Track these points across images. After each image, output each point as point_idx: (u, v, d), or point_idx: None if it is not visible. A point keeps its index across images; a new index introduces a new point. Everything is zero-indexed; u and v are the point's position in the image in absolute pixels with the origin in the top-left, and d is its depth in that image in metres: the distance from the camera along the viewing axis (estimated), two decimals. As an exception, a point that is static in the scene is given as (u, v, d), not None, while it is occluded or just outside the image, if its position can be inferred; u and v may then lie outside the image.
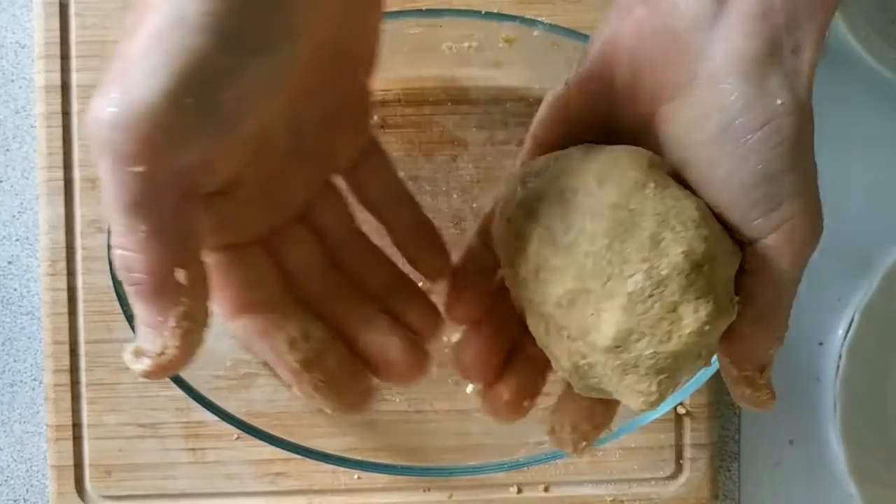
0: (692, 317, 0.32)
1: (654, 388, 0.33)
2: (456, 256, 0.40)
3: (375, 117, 0.49)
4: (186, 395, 0.46)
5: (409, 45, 0.47)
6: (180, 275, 0.30)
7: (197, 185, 0.30)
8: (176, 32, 0.27)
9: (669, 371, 0.33)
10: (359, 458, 0.46)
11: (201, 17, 0.27)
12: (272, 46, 0.29)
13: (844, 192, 0.53)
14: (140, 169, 0.28)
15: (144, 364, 0.30)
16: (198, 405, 0.45)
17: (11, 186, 0.53)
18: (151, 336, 0.30)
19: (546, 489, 0.51)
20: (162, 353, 0.30)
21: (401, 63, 0.48)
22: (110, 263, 0.45)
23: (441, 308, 0.39)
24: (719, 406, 0.53)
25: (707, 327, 0.32)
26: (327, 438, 0.49)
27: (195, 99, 0.28)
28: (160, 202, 0.29)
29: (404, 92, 0.49)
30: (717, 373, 0.53)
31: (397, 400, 0.50)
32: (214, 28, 0.27)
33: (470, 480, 0.51)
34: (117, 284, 0.45)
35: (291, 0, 0.29)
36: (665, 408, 0.45)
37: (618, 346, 0.32)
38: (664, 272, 0.32)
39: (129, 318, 0.45)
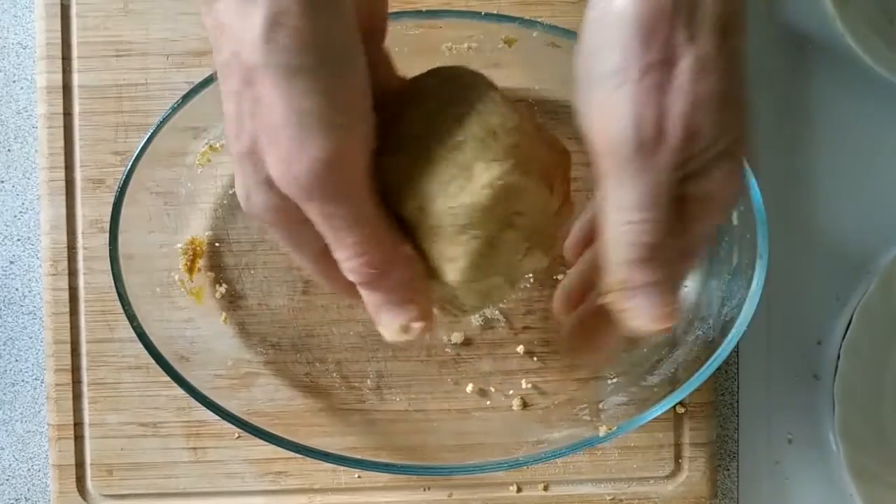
0: (485, 173, 0.34)
1: (458, 250, 0.34)
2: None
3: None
4: (188, 395, 0.46)
5: (410, 47, 0.48)
6: (406, 248, 0.36)
7: None
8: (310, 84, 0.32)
9: (471, 228, 0.34)
10: (359, 457, 0.47)
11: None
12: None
13: (842, 192, 0.54)
14: (361, 182, 0.34)
15: (416, 328, 0.36)
16: (199, 404, 0.46)
17: (13, 187, 0.53)
18: (404, 308, 0.36)
19: (545, 488, 0.51)
20: (420, 313, 0.36)
21: (401, 64, 0.48)
22: (111, 263, 0.45)
23: None
24: (718, 405, 0.54)
25: (501, 183, 0.34)
26: (328, 437, 0.50)
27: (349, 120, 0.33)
28: (378, 202, 0.35)
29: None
30: (716, 372, 0.53)
31: (398, 399, 0.51)
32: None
33: (470, 479, 0.51)
34: (118, 284, 0.46)
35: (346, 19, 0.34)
36: (664, 407, 0.45)
37: (421, 208, 0.34)
38: (460, 139, 0.34)
39: (132, 317, 0.46)
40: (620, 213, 0.34)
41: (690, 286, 0.49)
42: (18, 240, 0.53)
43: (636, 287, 0.34)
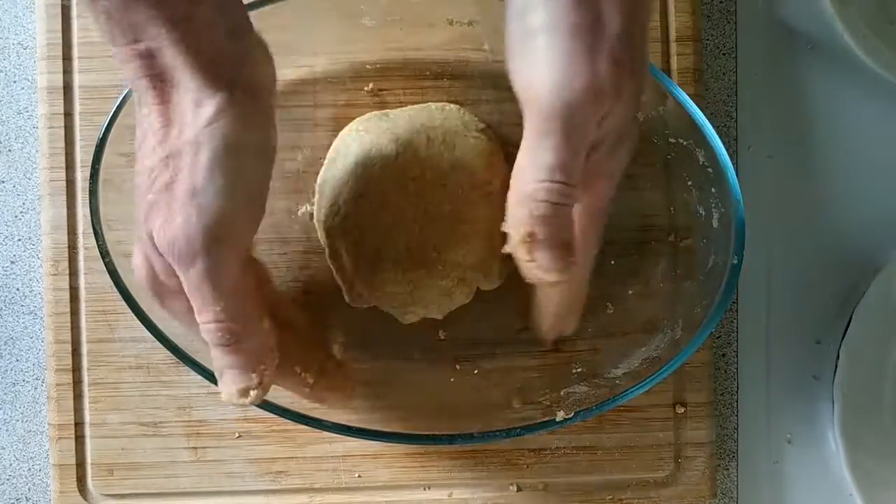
0: None
1: None
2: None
3: (371, 84, 0.50)
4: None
5: (411, 14, 0.47)
6: (266, 322, 0.40)
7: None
8: (229, 162, 0.36)
9: None
10: (381, 429, 0.47)
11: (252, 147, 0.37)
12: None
13: (841, 192, 0.54)
14: (235, 258, 0.37)
15: (253, 395, 0.39)
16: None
17: (14, 187, 0.53)
18: (248, 374, 0.39)
19: (545, 488, 0.51)
20: (262, 382, 0.39)
21: (401, 35, 0.48)
22: (107, 264, 0.46)
23: None
24: (718, 405, 0.54)
25: None
26: (328, 444, 0.50)
27: (252, 202, 0.38)
28: (246, 278, 0.39)
29: (404, 63, 0.50)
30: (716, 372, 0.53)
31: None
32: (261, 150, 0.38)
33: (469, 479, 0.51)
34: (119, 283, 0.46)
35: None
36: (625, 398, 0.46)
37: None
38: None
39: (140, 315, 0.46)
40: (539, 171, 0.36)
41: (665, 286, 0.49)
42: (19, 240, 0.53)
43: (538, 241, 0.36)
